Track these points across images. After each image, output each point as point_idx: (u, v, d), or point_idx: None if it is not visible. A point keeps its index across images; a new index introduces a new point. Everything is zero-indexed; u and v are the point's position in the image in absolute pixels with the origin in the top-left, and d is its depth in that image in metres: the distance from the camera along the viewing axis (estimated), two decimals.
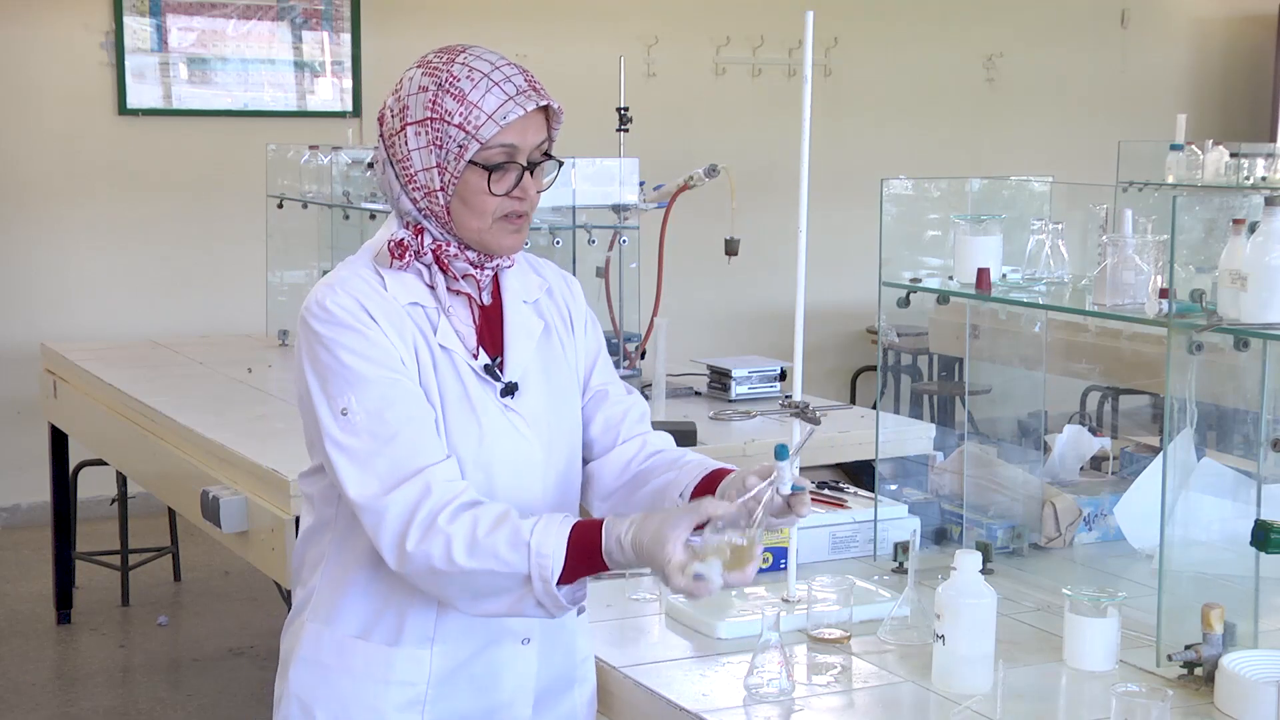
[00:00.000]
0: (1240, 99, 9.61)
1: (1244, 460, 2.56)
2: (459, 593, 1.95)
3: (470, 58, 2.02)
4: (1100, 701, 2.13)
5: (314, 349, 2.00)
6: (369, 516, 1.95)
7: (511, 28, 7.64)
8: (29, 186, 6.89)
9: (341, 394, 1.97)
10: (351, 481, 1.96)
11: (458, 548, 1.91)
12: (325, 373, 1.98)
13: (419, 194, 2.03)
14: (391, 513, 1.94)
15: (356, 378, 1.97)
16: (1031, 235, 2.80)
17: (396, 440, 1.95)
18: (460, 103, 1.99)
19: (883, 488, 2.96)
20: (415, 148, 2.01)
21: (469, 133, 1.98)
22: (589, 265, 4.24)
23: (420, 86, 2.02)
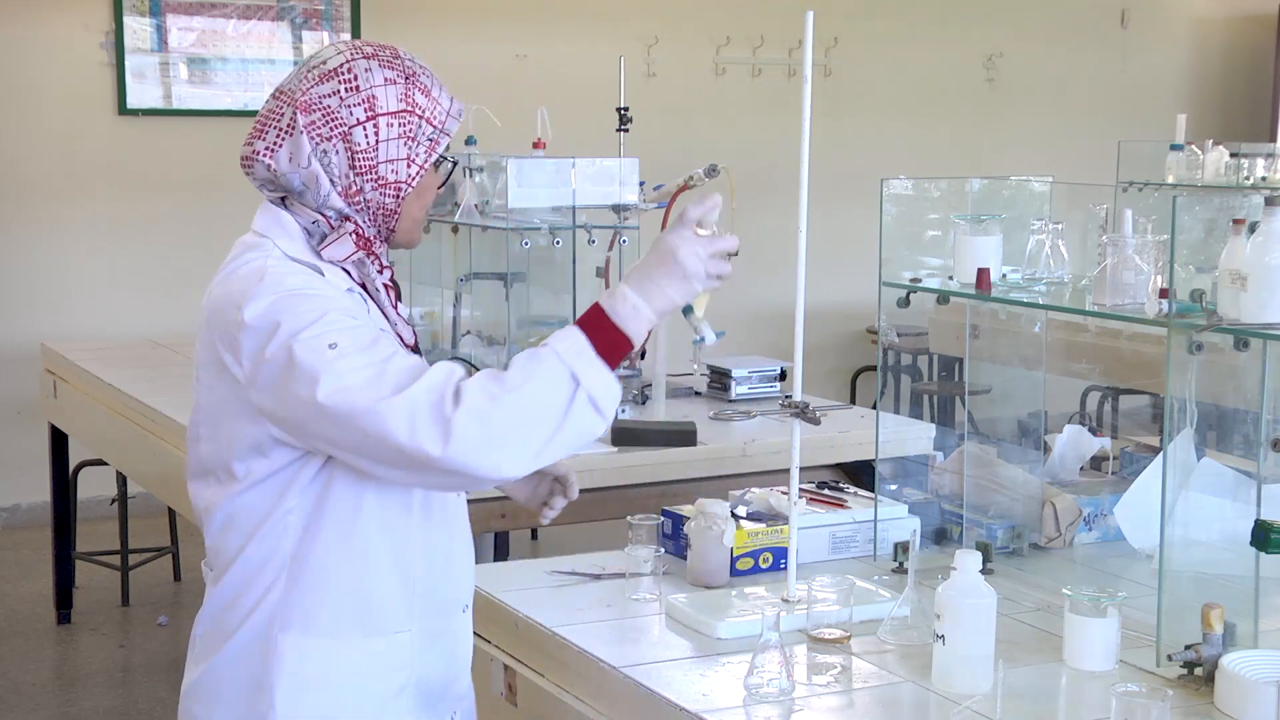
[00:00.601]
0: (1240, 99, 9.62)
1: (1244, 460, 2.56)
2: (518, 430, 1.86)
3: (408, 54, 2.05)
4: (1100, 701, 2.13)
5: (281, 315, 1.91)
6: (394, 412, 1.84)
7: (511, 28, 7.64)
8: (29, 186, 6.89)
9: (324, 335, 1.89)
10: (365, 391, 1.85)
11: (491, 385, 1.86)
12: (299, 326, 1.90)
13: (370, 184, 2.00)
14: (417, 399, 1.85)
15: (336, 322, 1.92)
16: (1031, 235, 2.80)
17: (394, 359, 1.91)
18: (427, 97, 2.03)
19: (883, 488, 2.96)
20: (385, 139, 2.00)
21: (437, 127, 2.03)
22: (589, 265, 4.24)
23: (385, 79, 2.00)
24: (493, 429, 1.86)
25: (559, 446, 1.90)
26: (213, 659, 2.07)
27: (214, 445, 2.03)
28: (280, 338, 1.91)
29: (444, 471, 1.87)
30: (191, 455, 2.09)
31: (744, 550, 2.75)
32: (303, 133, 1.98)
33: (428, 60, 2.13)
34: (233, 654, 2.05)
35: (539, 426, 1.88)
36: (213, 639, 2.07)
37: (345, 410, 1.87)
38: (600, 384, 1.90)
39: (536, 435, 1.88)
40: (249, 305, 1.93)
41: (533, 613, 2.54)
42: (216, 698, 2.07)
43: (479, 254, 4.57)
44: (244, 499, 2.02)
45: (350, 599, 2.04)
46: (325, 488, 2.01)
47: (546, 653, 2.47)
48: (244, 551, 2.03)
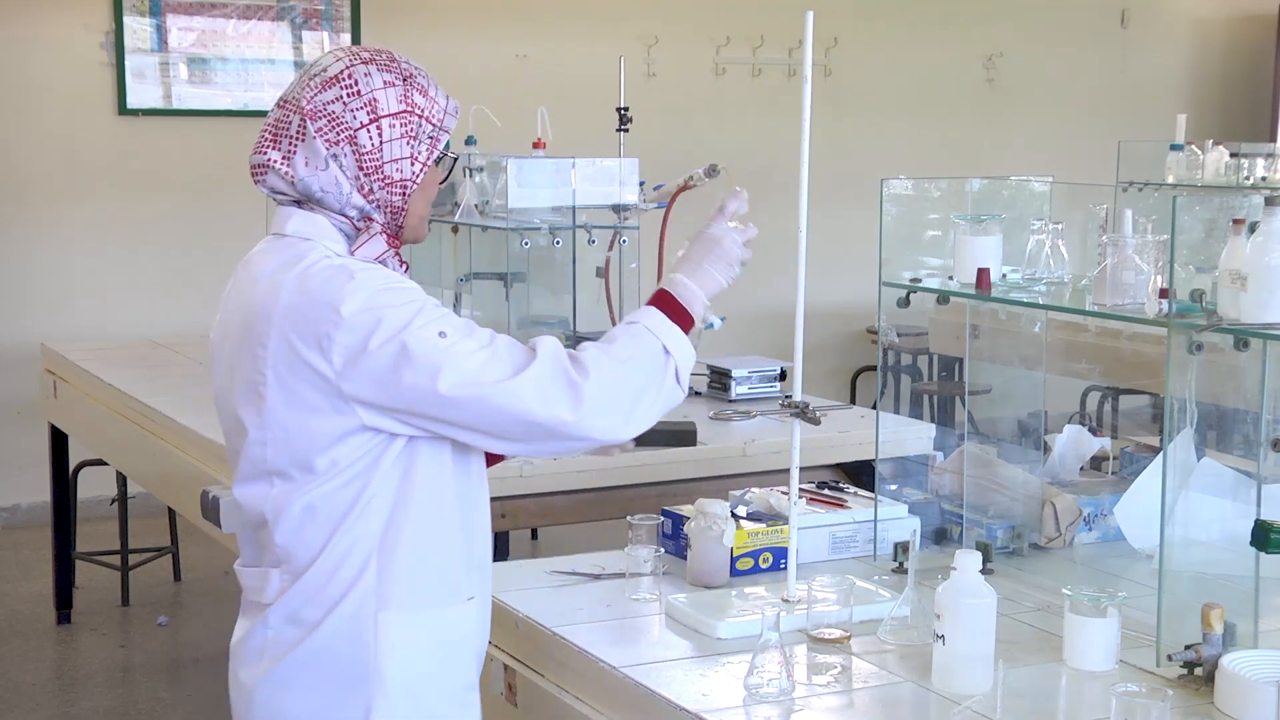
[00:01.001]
0: (1240, 99, 9.61)
1: (1244, 460, 2.56)
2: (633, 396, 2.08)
3: (403, 56, 2.16)
4: (1100, 701, 2.13)
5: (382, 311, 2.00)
6: (524, 388, 2.00)
7: (511, 28, 7.64)
8: (29, 186, 6.90)
9: (431, 325, 2.01)
10: (488, 372, 2.01)
11: (606, 357, 2.08)
12: (404, 319, 2.00)
13: (378, 184, 2.10)
14: (543, 373, 2.02)
15: (433, 312, 2.04)
16: (1031, 235, 2.80)
17: (498, 339, 2.06)
18: (425, 97, 2.12)
19: (883, 488, 2.96)
20: (389, 139, 2.09)
21: (436, 125, 2.13)
22: (589, 265, 4.24)
23: (385, 82, 2.09)
24: (616, 395, 2.07)
25: (658, 411, 2.12)
26: (299, 648, 2.12)
27: (285, 446, 2.07)
28: (386, 331, 2.00)
29: (572, 437, 2.05)
30: (247, 459, 2.13)
31: (744, 550, 2.75)
32: (315, 138, 2.07)
33: (428, 60, 2.16)
34: (325, 640, 2.10)
35: (648, 393, 2.10)
36: (297, 628, 2.12)
37: (474, 395, 2.00)
38: (685, 357, 2.16)
39: (645, 400, 2.10)
40: (346, 302, 2.01)
41: (533, 613, 2.54)
42: (309, 684, 2.12)
43: (479, 254, 4.57)
44: (325, 491, 2.07)
45: (435, 571, 2.14)
46: (408, 469, 2.09)
47: (546, 653, 2.47)
48: (330, 541, 2.09)
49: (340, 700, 2.11)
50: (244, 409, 2.11)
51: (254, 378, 2.08)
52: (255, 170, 2.11)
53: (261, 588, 2.16)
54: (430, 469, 2.11)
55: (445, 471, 2.13)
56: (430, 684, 2.16)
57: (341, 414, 2.04)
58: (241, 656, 2.20)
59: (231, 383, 2.15)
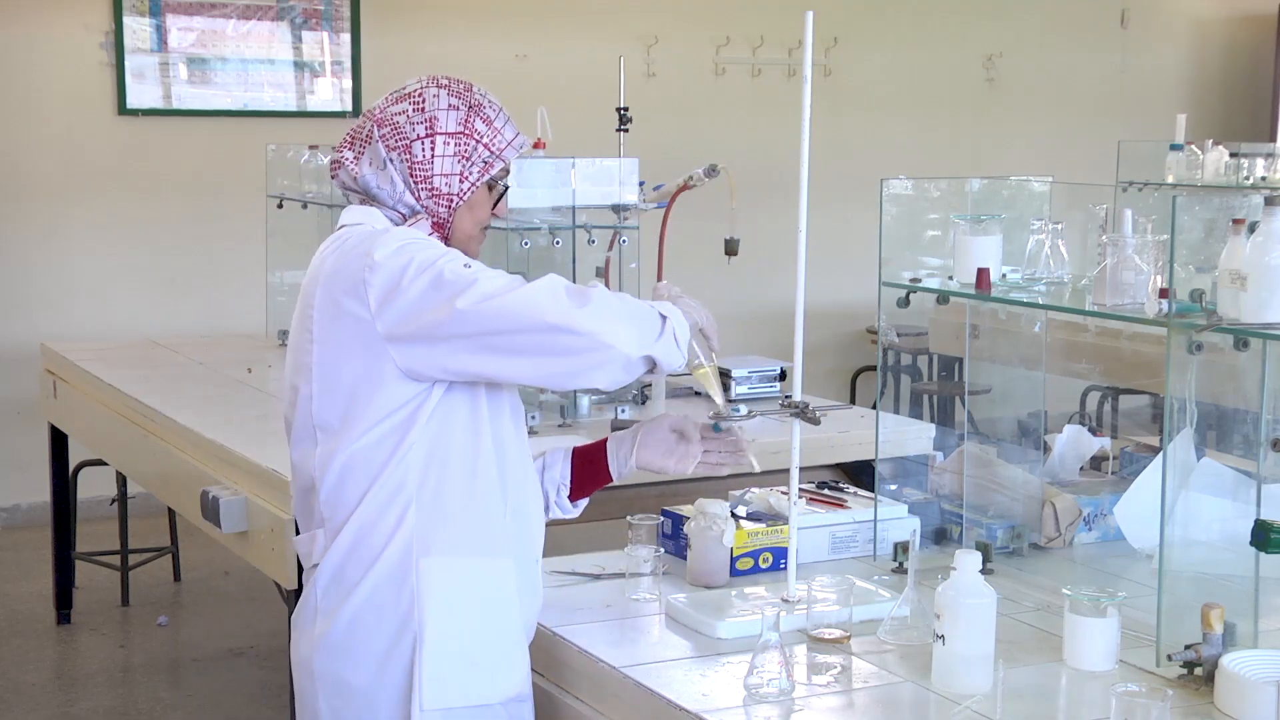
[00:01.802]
0: (1240, 99, 9.61)
1: (1244, 460, 2.56)
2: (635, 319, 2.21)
3: (482, 89, 2.37)
4: (1100, 701, 2.13)
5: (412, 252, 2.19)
6: (537, 290, 2.17)
7: (511, 28, 7.64)
8: (29, 186, 6.90)
9: (457, 259, 2.21)
10: (507, 286, 2.18)
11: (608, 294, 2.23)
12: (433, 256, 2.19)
13: (425, 193, 2.32)
14: (555, 281, 2.19)
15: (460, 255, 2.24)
16: (1031, 235, 2.80)
17: (498, 273, 2.22)
18: (489, 126, 2.34)
19: (883, 488, 2.96)
20: (440, 154, 2.31)
21: (494, 153, 2.34)
22: (589, 265, 4.23)
23: (450, 105, 2.33)
24: (620, 309, 2.21)
25: (658, 351, 2.24)
26: (346, 605, 2.24)
27: (329, 398, 2.24)
28: (418, 266, 2.18)
29: (579, 334, 2.16)
30: (298, 420, 2.29)
31: (744, 550, 2.75)
32: (379, 142, 2.33)
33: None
34: (370, 593, 2.23)
35: (648, 327, 2.23)
36: (341, 587, 2.25)
37: (491, 308, 2.15)
38: (680, 326, 2.28)
39: (648, 331, 2.23)
40: (378, 249, 2.20)
41: None
42: (361, 644, 2.24)
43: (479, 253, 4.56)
44: (364, 444, 2.22)
45: (474, 520, 2.27)
46: (445, 423, 2.25)
47: (546, 652, 2.47)
48: (368, 494, 2.23)
49: (390, 655, 2.23)
50: (298, 374, 2.27)
51: (303, 341, 2.26)
52: (332, 165, 2.38)
53: (310, 551, 2.31)
54: (467, 424, 2.26)
55: (482, 428, 2.28)
56: (474, 633, 2.25)
57: (379, 359, 2.19)
58: (299, 625, 2.32)
59: (292, 357, 2.32)
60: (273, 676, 4.93)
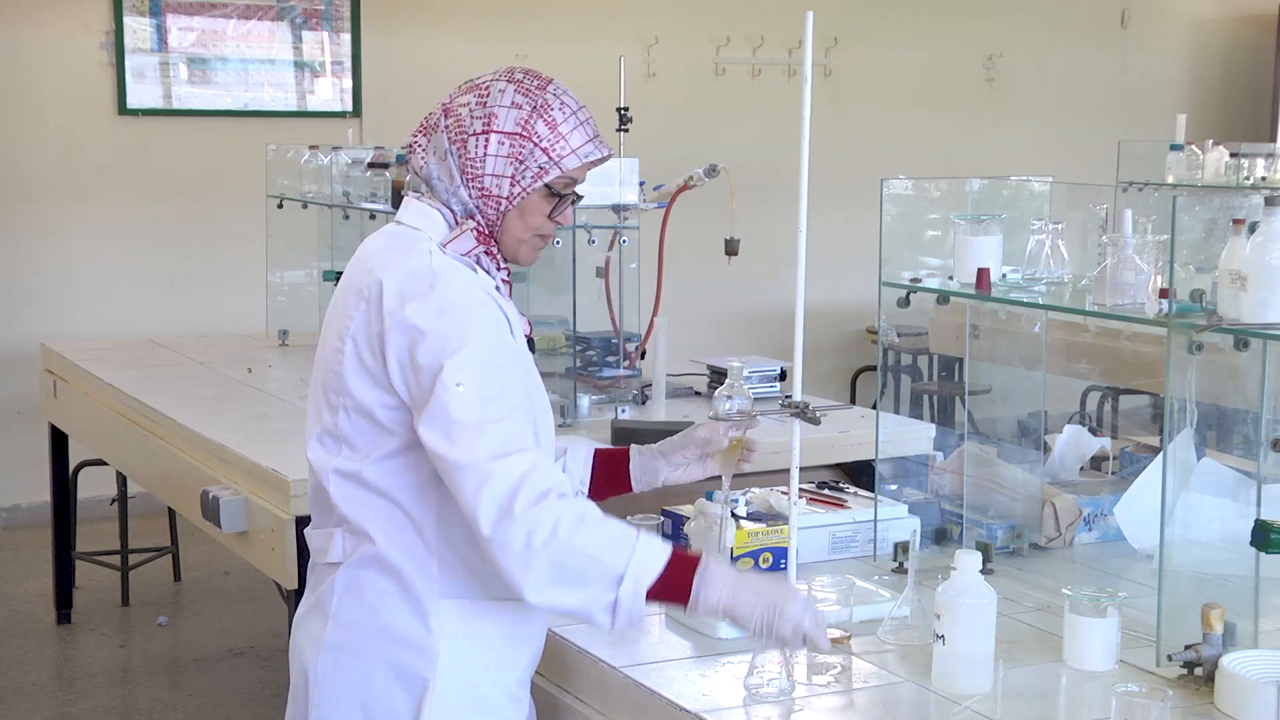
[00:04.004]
0: (1240, 99, 9.61)
1: (1244, 460, 2.56)
2: (541, 573, 2.01)
3: (559, 89, 2.24)
4: (1100, 701, 2.13)
5: (435, 322, 2.09)
6: (471, 477, 2.02)
7: (511, 28, 7.64)
8: (29, 186, 6.90)
9: (460, 368, 2.06)
10: (457, 444, 2.04)
11: (566, 522, 2.01)
12: (443, 345, 2.08)
13: (476, 192, 2.20)
14: (500, 477, 2.02)
15: (479, 357, 2.09)
16: (1031, 235, 2.80)
17: (505, 422, 2.07)
18: (551, 130, 2.19)
19: (883, 488, 2.96)
20: (493, 154, 2.18)
21: (552, 159, 2.19)
22: (589, 265, 4.23)
23: (513, 102, 2.19)
24: (523, 560, 2.01)
25: (562, 609, 2.06)
26: (359, 624, 2.18)
27: (353, 414, 2.18)
28: (426, 355, 2.08)
29: (479, 541, 2.03)
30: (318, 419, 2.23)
31: (744, 550, 2.75)
32: (443, 132, 2.22)
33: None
34: (388, 623, 2.16)
35: (564, 587, 2.02)
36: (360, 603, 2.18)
37: (437, 451, 2.06)
38: (631, 609, 2.04)
39: (558, 590, 2.02)
40: (411, 304, 2.10)
41: None
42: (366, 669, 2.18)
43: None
44: (386, 469, 2.16)
45: (475, 561, 2.14)
46: None
47: (547, 652, 2.47)
48: (389, 519, 2.17)
49: (396, 686, 2.17)
50: (327, 372, 2.21)
51: (337, 344, 2.19)
52: (407, 149, 2.27)
53: (326, 548, 2.22)
54: None
55: None
56: (483, 676, 2.20)
57: (391, 394, 2.14)
58: (306, 623, 2.26)
59: (323, 355, 2.26)
60: (273, 676, 4.93)
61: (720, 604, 2.06)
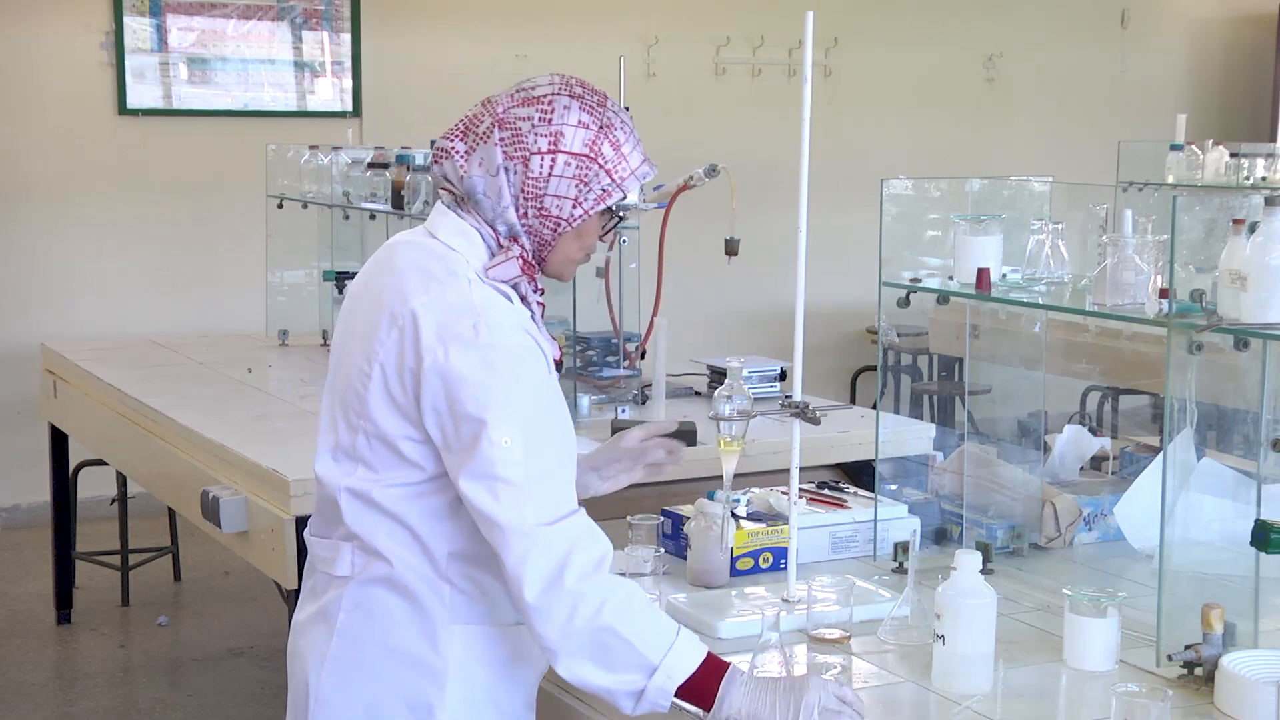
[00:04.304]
0: (1240, 99, 9.61)
1: (1244, 460, 2.56)
2: (578, 649, 1.99)
3: (615, 106, 2.15)
4: (1100, 701, 2.13)
5: (479, 371, 2.01)
6: (518, 541, 1.98)
7: (511, 27, 7.64)
8: (29, 186, 6.90)
9: (505, 423, 2.00)
10: (503, 504, 1.99)
11: (612, 604, 1.99)
12: (487, 396, 2.00)
13: (533, 211, 2.09)
14: (549, 545, 1.98)
15: (526, 409, 2.02)
16: (1031, 235, 2.80)
17: (551, 479, 2.03)
18: (616, 152, 2.11)
19: (883, 488, 2.96)
20: (559, 175, 2.08)
21: (615, 182, 2.11)
22: (589, 265, 4.23)
23: (580, 121, 2.09)
24: (565, 632, 1.99)
25: (590, 685, 2.02)
26: (367, 642, 2.12)
27: (372, 439, 2.10)
28: (469, 405, 2.00)
29: (518, 604, 2.00)
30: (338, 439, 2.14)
31: (744, 550, 2.75)
32: (496, 145, 2.08)
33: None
34: (397, 646, 2.11)
35: (598, 666, 2.00)
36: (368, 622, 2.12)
37: (480, 508, 2.00)
38: (656, 702, 2.01)
39: (591, 668, 2.00)
40: (454, 348, 2.01)
41: None
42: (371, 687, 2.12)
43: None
44: (403, 493, 2.09)
45: (490, 589, 2.12)
46: None
47: None
48: (403, 541, 2.10)
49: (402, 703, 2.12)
50: (348, 390, 2.12)
51: (364, 367, 2.09)
52: (438, 153, 2.13)
53: (333, 559, 2.16)
54: None
55: None
56: (495, 700, 2.16)
57: (418, 430, 2.06)
58: (307, 633, 2.19)
59: (343, 374, 2.16)
60: (273, 676, 4.93)
61: (743, 711, 2.02)
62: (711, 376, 4.35)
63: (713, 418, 2.51)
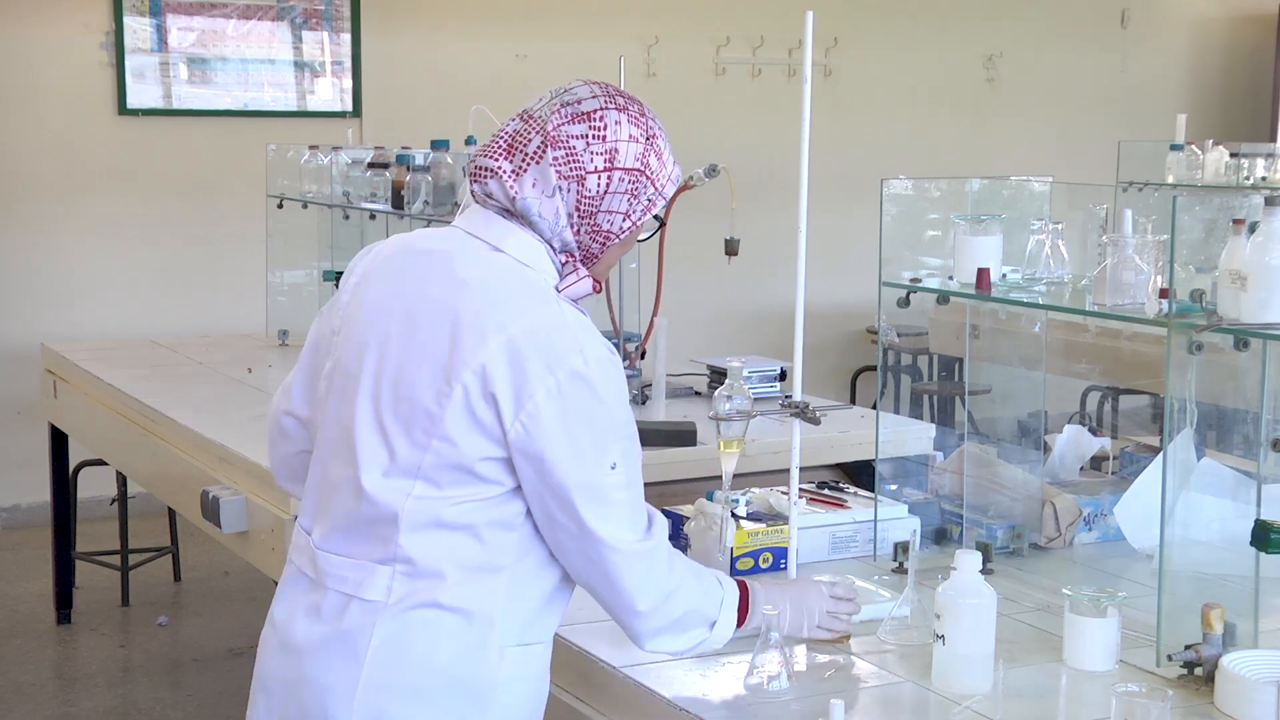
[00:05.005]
0: (1240, 99, 9.62)
1: (1244, 460, 2.56)
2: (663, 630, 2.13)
3: (653, 113, 2.13)
4: (1100, 701, 2.13)
5: (589, 399, 1.99)
6: (631, 561, 2.05)
7: (511, 27, 7.64)
8: (29, 186, 6.90)
9: (612, 448, 2.03)
10: (609, 524, 2.03)
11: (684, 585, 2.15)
12: (599, 424, 2.01)
13: (586, 228, 2.08)
14: (654, 557, 2.09)
15: (626, 431, 2.06)
16: (1031, 235, 2.80)
17: (640, 490, 2.09)
18: (660, 161, 2.10)
19: (883, 488, 2.96)
20: (614, 191, 2.07)
21: (658, 189, 2.10)
22: None
23: (630, 136, 2.07)
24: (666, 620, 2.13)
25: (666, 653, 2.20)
26: (409, 664, 2.03)
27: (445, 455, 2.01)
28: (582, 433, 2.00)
29: (621, 613, 2.10)
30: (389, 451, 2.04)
31: (744, 550, 2.75)
32: (550, 165, 2.04)
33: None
34: (447, 662, 2.03)
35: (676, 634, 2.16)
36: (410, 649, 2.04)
37: (594, 530, 2.02)
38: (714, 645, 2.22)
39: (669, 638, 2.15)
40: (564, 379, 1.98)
41: None
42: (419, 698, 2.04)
43: None
44: (469, 507, 2.03)
45: (556, 608, 2.14)
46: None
47: None
48: (464, 558, 2.03)
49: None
50: (412, 406, 2.03)
51: (440, 385, 2.00)
52: (481, 172, 2.07)
53: (361, 582, 2.05)
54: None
55: None
56: (534, 715, 2.15)
57: (500, 448, 2.00)
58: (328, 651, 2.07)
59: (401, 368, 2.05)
60: None
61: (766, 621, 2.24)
62: (711, 376, 4.35)
63: (713, 418, 2.50)
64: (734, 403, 2.48)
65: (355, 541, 2.07)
